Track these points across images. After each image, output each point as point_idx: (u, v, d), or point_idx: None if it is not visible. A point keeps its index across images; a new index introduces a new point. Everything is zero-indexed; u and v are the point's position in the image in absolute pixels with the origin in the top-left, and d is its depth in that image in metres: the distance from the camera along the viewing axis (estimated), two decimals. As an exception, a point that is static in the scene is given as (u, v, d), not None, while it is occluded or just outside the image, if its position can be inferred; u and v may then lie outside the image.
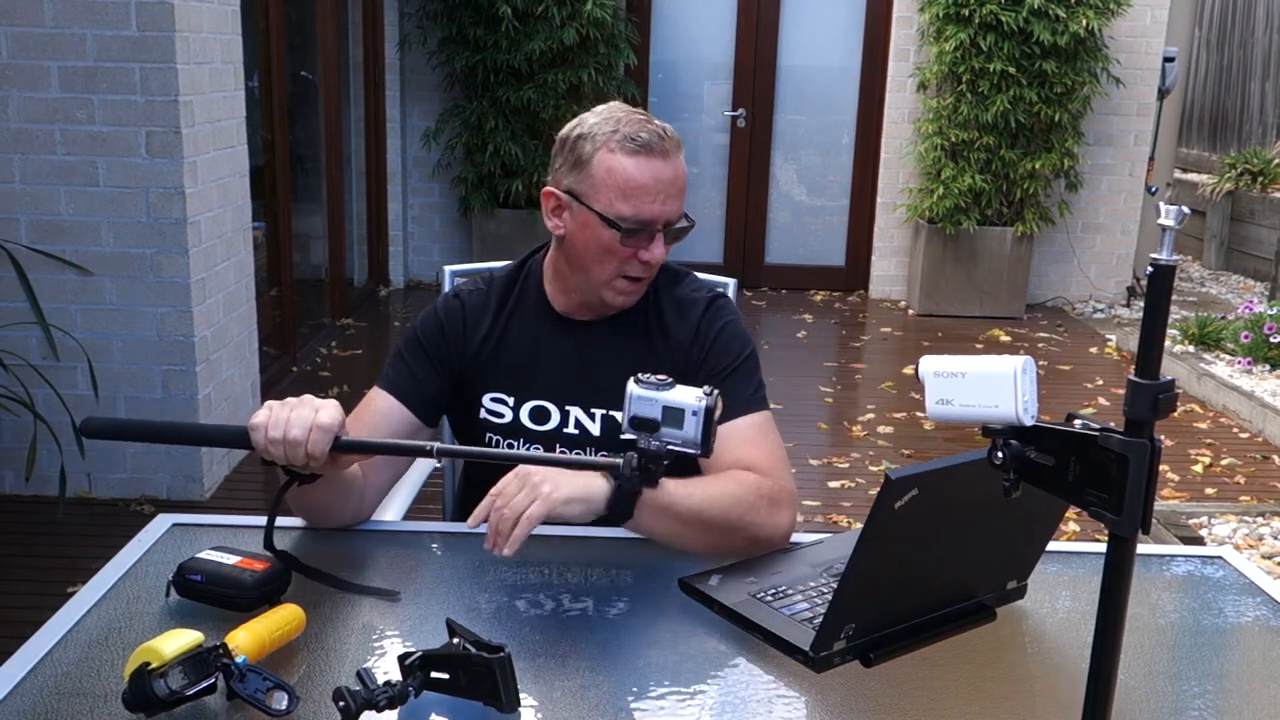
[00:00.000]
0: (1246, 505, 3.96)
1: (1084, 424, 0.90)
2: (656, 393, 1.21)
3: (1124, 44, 6.72)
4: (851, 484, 4.12)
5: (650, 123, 1.59)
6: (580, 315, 1.71)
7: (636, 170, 1.56)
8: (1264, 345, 5.44)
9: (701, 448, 1.20)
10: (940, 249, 6.74)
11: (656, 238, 1.59)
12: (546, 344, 1.71)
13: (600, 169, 1.57)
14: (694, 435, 1.19)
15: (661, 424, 1.21)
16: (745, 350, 1.69)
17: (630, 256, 1.59)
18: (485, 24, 6.25)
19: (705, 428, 1.19)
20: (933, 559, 1.27)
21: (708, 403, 1.18)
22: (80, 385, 3.50)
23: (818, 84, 7.27)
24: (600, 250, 1.60)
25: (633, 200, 1.56)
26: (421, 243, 7.16)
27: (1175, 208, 0.83)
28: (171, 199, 3.51)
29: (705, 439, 1.19)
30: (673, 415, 1.20)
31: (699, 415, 1.18)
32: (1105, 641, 0.88)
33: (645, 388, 1.22)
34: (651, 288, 1.72)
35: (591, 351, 1.70)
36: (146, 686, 1.08)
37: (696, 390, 1.20)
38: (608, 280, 1.62)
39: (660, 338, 1.70)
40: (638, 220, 1.57)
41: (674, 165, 1.59)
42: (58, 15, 3.39)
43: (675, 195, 1.59)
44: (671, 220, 1.60)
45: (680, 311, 1.71)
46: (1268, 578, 1.52)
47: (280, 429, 1.34)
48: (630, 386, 1.24)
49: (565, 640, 1.29)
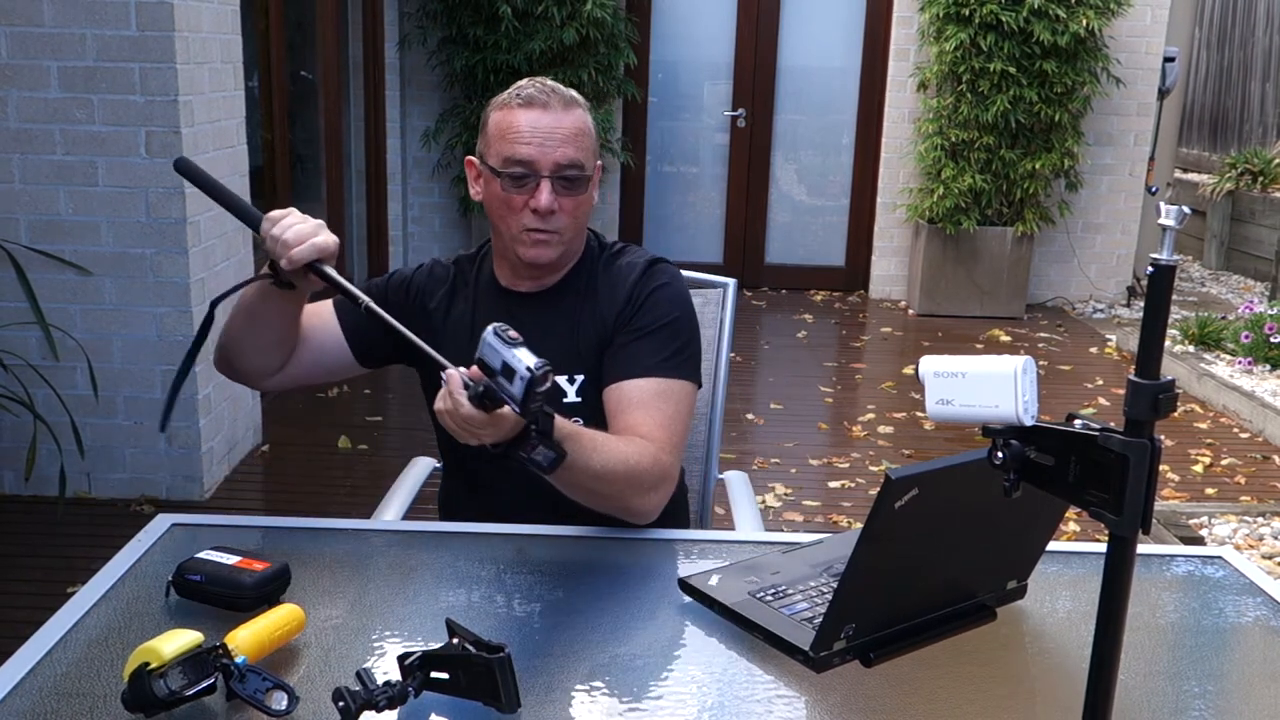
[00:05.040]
0: (1247, 505, 3.96)
1: (1084, 424, 0.90)
2: (504, 346, 1.28)
3: (1124, 44, 6.72)
4: (851, 484, 4.12)
5: (543, 83, 1.68)
6: (520, 286, 1.76)
7: (514, 119, 1.64)
8: (1264, 345, 5.44)
9: (521, 407, 1.26)
10: (940, 249, 6.74)
11: (542, 184, 1.63)
12: (484, 315, 1.72)
13: (491, 127, 1.68)
14: (517, 394, 1.25)
15: (498, 374, 1.28)
16: (671, 315, 1.71)
17: (523, 206, 1.65)
18: (485, 24, 6.25)
19: (528, 390, 1.24)
20: (933, 559, 1.27)
21: (534, 374, 1.24)
22: (80, 385, 3.50)
23: (818, 84, 7.27)
24: (499, 204, 1.67)
25: (511, 145, 1.63)
26: (421, 243, 7.16)
27: (1175, 208, 0.83)
28: (171, 199, 3.51)
29: (525, 401, 1.25)
30: (507, 370, 1.27)
31: (524, 380, 1.24)
32: (1105, 641, 0.88)
33: (496, 339, 1.29)
34: (593, 263, 1.77)
35: (530, 321, 1.70)
36: (146, 687, 1.08)
37: (534, 359, 1.25)
38: (516, 233, 1.67)
39: (591, 306, 1.73)
40: (516, 163, 1.63)
41: (555, 115, 1.64)
42: (57, 15, 3.39)
43: (557, 142, 1.63)
44: (559, 165, 1.63)
45: (614, 280, 1.75)
46: (1268, 578, 1.52)
47: (283, 229, 1.48)
48: (486, 332, 1.30)
49: (565, 640, 1.29)
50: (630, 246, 1.81)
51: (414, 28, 6.64)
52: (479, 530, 1.61)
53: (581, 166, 1.65)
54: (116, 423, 3.67)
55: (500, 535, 1.59)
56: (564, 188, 1.64)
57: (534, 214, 1.64)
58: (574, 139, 1.64)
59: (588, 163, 1.67)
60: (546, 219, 1.64)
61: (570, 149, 1.64)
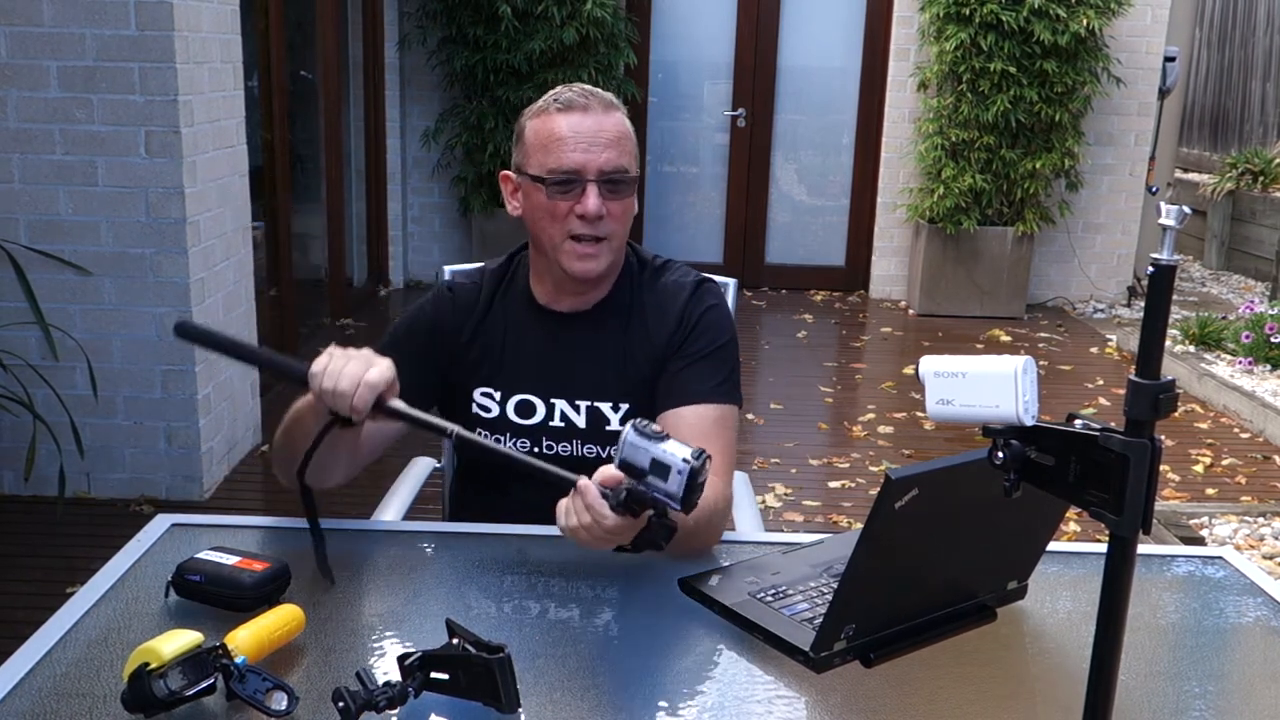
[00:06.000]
0: (1247, 505, 3.96)
1: (1084, 424, 0.90)
2: (649, 443, 1.23)
3: (1124, 44, 6.71)
4: (851, 484, 4.11)
5: (581, 87, 1.64)
6: (561, 305, 1.71)
7: (555, 125, 1.60)
8: (1265, 345, 5.44)
9: (682, 503, 1.22)
10: (940, 249, 6.74)
11: (588, 189, 1.59)
12: (530, 338, 1.71)
13: (530, 136, 1.64)
14: (677, 490, 1.21)
15: (648, 473, 1.23)
16: (722, 339, 1.69)
17: (568, 213, 1.60)
18: (485, 23, 6.25)
19: (689, 484, 1.21)
20: (933, 559, 1.27)
21: (693, 465, 1.20)
22: (79, 385, 3.50)
23: (818, 84, 7.27)
24: (543, 214, 1.62)
25: (554, 152, 1.59)
26: (421, 243, 7.16)
27: (1176, 207, 0.83)
28: (171, 199, 3.51)
29: (688, 495, 1.21)
30: (659, 468, 1.22)
31: (683, 474, 1.20)
32: (1105, 641, 0.88)
33: (640, 436, 1.24)
34: (635, 280, 1.72)
35: (574, 344, 1.70)
36: (146, 687, 1.08)
37: (688, 449, 1.21)
38: (560, 245, 1.62)
39: (640, 330, 1.70)
40: (561, 171, 1.59)
41: (597, 118, 1.61)
42: (57, 15, 3.39)
43: (602, 146, 1.60)
44: (604, 171, 1.60)
45: (663, 301, 1.71)
46: (1268, 578, 1.52)
47: (333, 380, 1.40)
48: (626, 431, 1.25)
49: (565, 640, 1.29)
50: (672, 262, 1.77)
51: (414, 28, 6.64)
52: (479, 530, 1.61)
53: (626, 170, 1.62)
54: (116, 423, 3.66)
55: (500, 535, 1.58)
56: (610, 192, 1.60)
57: (580, 220, 1.59)
58: (617, 142, 1.61)
59: (631, 166, 1.63)
60: (594, 224, 1.60)
61: (614, 152, 1.60)
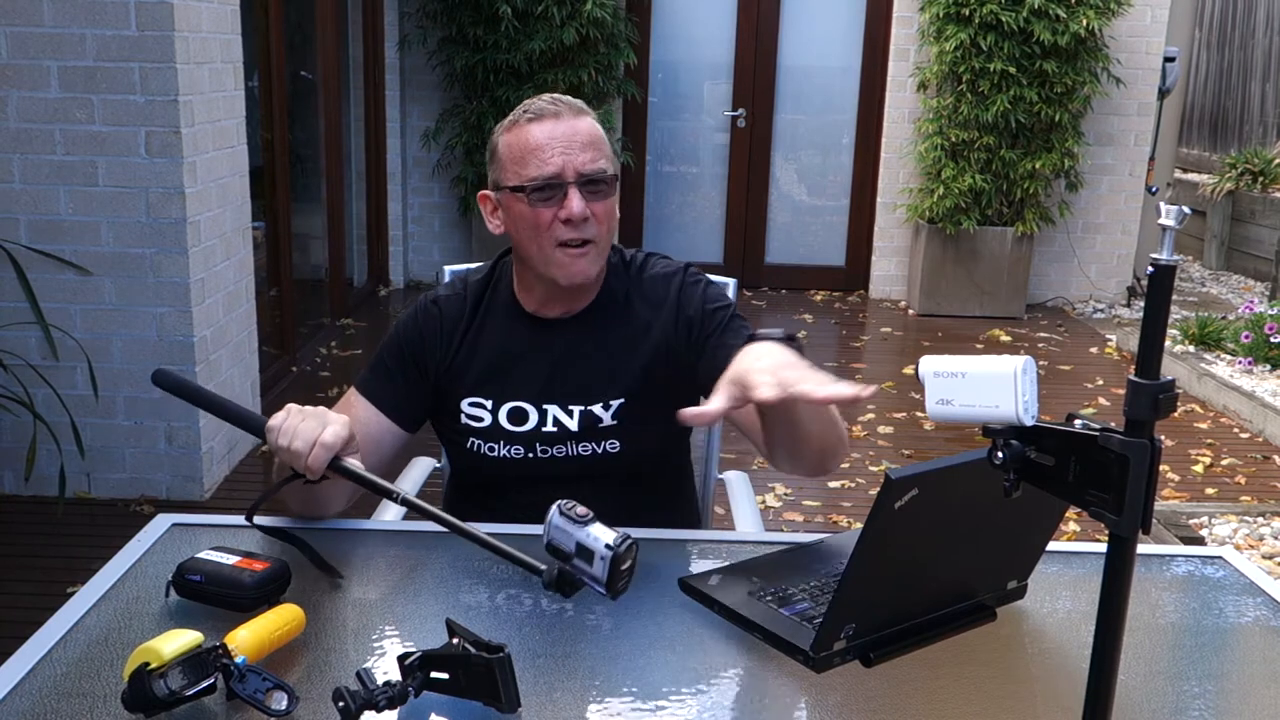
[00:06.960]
0: (1247, 505, 3.96)
1: (1084, 424, 0.90)
2: (574, 527, 1.23)
3: (1124, 44, 6.72)
4: (851, 484, 4.12)
5: (548, 96, 1.64)
6: (550, 312, 1.71)
7: (529, 135, 1.60)
8: (1264, 345, 5.44)
9: (607, 588, 1.22)
10: (940, 249, 6.74)
11: (570, 192, 1.59)
12: (519, 345, 1.71)
13: (504, 150, 1.63)
14: (601, 575, 1.21)
15: (574, 556, 1.24)
16: (731, 303, 1.73)
17: (552, 221, 1.60)
18: (485, 24, 6.25)
19: (611, 570, 1.21)
20: (933, 559, 1.27)
21: (616, 551, 1.20)
22: (80, 385, 3.50)
23: (818, 84, 7.27)
24: (527, 227, 1.61)
25: (531, 161, 1.59)
26: (421, 243, 7.16)
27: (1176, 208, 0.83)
28: (171, 199, 3.51)
29: (612, 581, 1.21)
30: (584, 551, 1.23)
31: (605, 560, 1.20)
32: (1105, 641, 0.88)
33: (565, 519, 1.24)
34: (617, 279, 1.73)
35: (564, 349, 1.70)
36: (146, 687, 1.08)
37: (612, 534, 1.21)
38: (549, 256, 1.62)
39: (635, 323, 1.70)
40: (541, 178, 1.58)
41: (569, 123, 1.61)
42: (57, 15, 3.39)
43: (578, 148, 1.59)
44: (582, 173, 1.59)
45: (651, 292, 1.72)
46: (1268, 578, 1.52)
47: (288, 438, 1.42)
48: (552, 512, 1.25)
49: (565, 640, 1.29)
50: (650, 255, 1.78)
51: (414, 28, 6.64)
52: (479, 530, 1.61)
53: (604, 170, 1.62)
54: (116, 423, 3.67)
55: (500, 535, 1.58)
56: (591, 194, 1.60)
57: (565, 225, 1.59)
58: (593, 144, 1.61)
59: (609, 166, 1.63)
60: (580, 227, 1.59)
61: (591, 153, 1.60)
